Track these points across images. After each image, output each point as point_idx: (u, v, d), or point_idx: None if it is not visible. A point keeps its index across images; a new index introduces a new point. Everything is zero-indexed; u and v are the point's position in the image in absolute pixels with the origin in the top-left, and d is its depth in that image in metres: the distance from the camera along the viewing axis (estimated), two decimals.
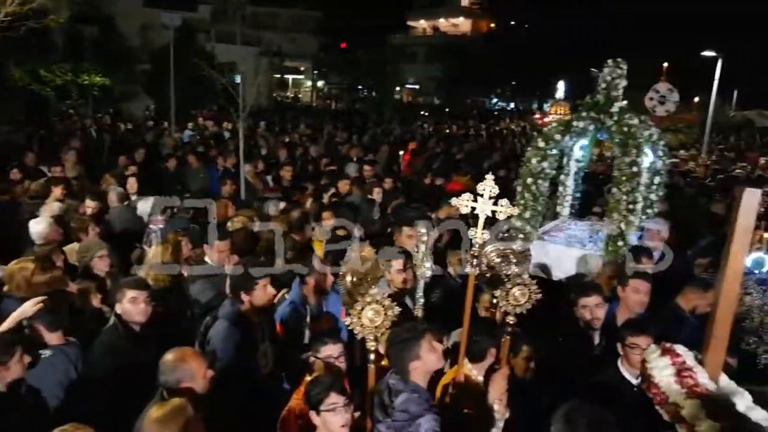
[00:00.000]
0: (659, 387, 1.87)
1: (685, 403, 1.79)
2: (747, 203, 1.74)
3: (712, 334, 1.85)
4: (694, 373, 1.84)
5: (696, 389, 1.79)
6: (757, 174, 14.40)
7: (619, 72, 6.03)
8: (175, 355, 3.14)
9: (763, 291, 4.69)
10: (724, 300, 1.83)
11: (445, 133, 23.47)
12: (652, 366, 1.93)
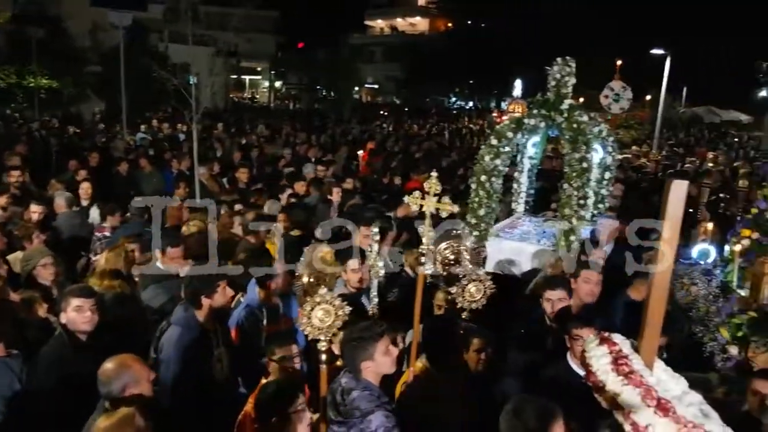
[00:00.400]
0: (597, 375, 1.90)
1: (621, 390, 1.82)
2: (675, 194, 1.79)
3: (646, 322, 1.90)
4: (630, 360, 1.88)
5: (631, 376, 1.83)
6: (705, 168, 14.87)
7: (568, 70, 6.14)
8: (116, 363, 3.06)
9: (708, 281, 4.85)
10: (656, 289, 1.88)
11: (404, 133, 23.53)
12: (591, 355, 1.96)
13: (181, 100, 9.52)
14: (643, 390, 1.82)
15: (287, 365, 3.62)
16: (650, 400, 1.80)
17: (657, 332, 1.90)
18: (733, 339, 4.30)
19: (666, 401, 1.79)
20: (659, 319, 1.89)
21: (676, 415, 1.77)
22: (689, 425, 1.76)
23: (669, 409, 1.78)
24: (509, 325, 4.82)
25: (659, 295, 1.90)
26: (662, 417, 1.77)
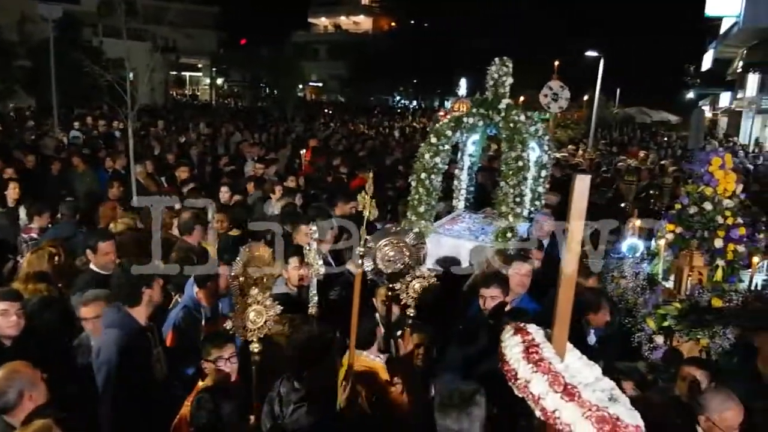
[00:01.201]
0: (510, 364, 1.97)
1: (531, 377, 1.90)
2: (579, 188, 1.87)
3: (556, 313, 1.98)
4: (541, 349, 1.95)
5: (540, 364, 1.90)
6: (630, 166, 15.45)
7: (505, 70, 6.29)
8: (5, 371, 2.96)
9: (636, 274, 5.07)
10: (565, 280, 1.96)
11: (349, 131, 23.51)
12: (505, 345, 2.04)
13: (116, 97, 9.21)
14: (551, 376, 1.89)
15: (224, 366, 3.57)
16: (557, 386, 1.87)
17: (566, 322, 1.98)
18: (659, 329, 4.51)
19: (572, 386, 1.87)
20: (568, 309, 1.96)
21: (581, 399, 1.84)
22: (593, 408, 1.83)
23: (574, 394, 1.85)
24: (448, 321, 4.91)
25: (568, 286, 1.98)
26: (568, 401, 1.85)
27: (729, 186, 4.86)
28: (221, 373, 3.53)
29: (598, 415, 1.84)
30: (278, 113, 29.72)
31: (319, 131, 21.91)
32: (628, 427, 1.85)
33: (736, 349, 4.30)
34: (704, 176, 4.92)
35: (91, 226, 6.69)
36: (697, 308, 4.29)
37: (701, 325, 4.29)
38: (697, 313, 4.28)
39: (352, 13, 66.55)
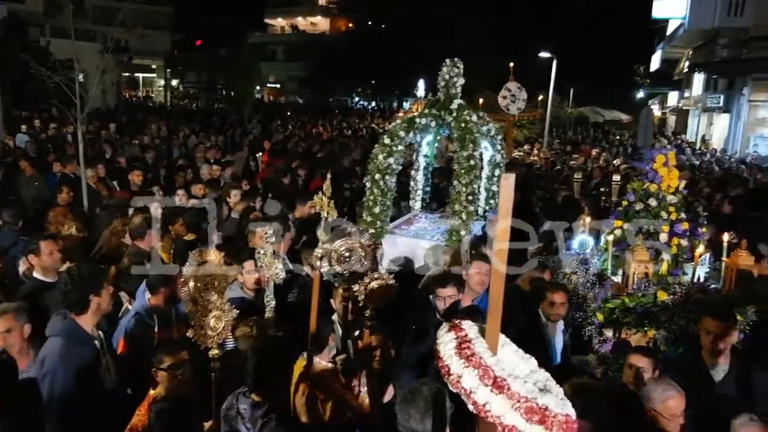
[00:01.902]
0: (443, 360, 2.00)
1: (462, 372, 1.93)
2: (505, 187, 1.92)
3: (489, 308, 2.02)
4: (473, 344, 1.98)
5: (472, 358, 1.94)
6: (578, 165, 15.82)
7: (456, 71, 6.38)
8: None
9: (586, 269, 5.20)
10: (495, 275, 2.00)
11: (307, 133, 23.39)
12: (439, 341, 2.06)
13: (65, 99, 8.95)
14: (481, 370, 1.91)
15: (177, 373, 3.51)
16: (487, 380, 1.90)
17: (498, 317, 2.00)
18: (608, 322, 4.64)
19: (502, 379, 1.90)
20: (499, 303, 2.00)
21: (510, 391, 1.88)
22: (522, 400, 1.86)
23: (503, 387, 1.88)
24: (403, 321, 4.94)
25: (498, 281, 2.01)
26: (498, 394, 1.88)
27: (672, 182, 5.04)
28: (174, 382, 3.48)
29: (527, 406, 1.87)
30: (235, 115, 29.33)
31: (276, 133, 21.73)
32: (557, 416, 1.88)
33: (682, 339, 4.47)
34: (649, 173, 5.09)
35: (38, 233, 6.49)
36: (644, 301, 4.43)
37: (648, 317, 4.44)
38: (644, 305, 4.41)
39: (309, 14, 66.22)
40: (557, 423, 1.87)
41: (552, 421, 1.86)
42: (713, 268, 5.08)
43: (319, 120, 31.28)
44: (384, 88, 52.66)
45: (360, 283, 3.68)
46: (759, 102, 25.44)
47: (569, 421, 1.90)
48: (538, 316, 4.69)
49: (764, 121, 25.78)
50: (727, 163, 19.14)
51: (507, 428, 1.88)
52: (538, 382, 2.00)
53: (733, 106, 26.26)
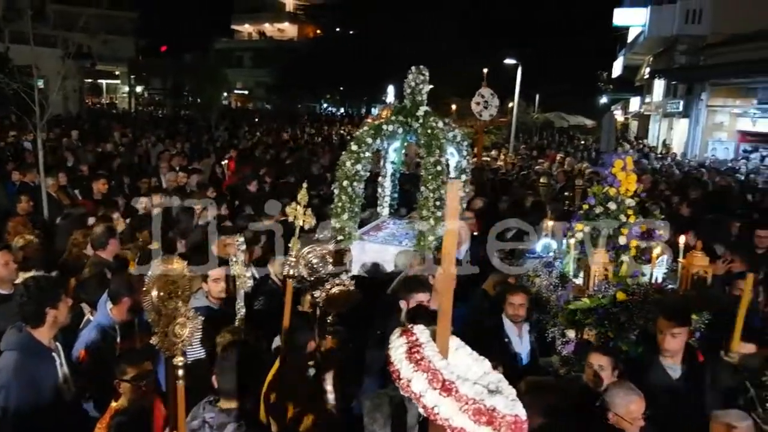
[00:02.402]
0: (394, 365, 2.03)
1: (412, 376, 1.96)
2: (452, 192, 1.97)
3: (439, 312, 2.06)
4: (423, 348, 2.01)
5: (421, 362, 1.97)
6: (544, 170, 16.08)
7: (422, 78, 6.46)
8: None
9: (549, 272, 5.31)
10: (443, 278, 2.05)
11: (275, 139, 23.26)
12: (391, 346, 2.09)
13: (24, 106, 8.75)
14: (430, 374, 1.95)
15: (140, 385, 3.46)
16: (436, 383, 1.93)
17: (448, 320, 2.04)
18: (570, 323, 4.74)
19: (450, 382, 1.94)
20: (449, 306, 2.04)
21: (458, 394, 1.91)
22: (470, 402, 1.90)
23: (451, 390, 1.92)
24: (372, 326, 4.96)
25: (447, 285, 2.05)
26: (446, 397, 1.91)
27: (630, 186, 5.18)
28: (137, 393, 3.43)
29: (474, 408, 1.90)
30: (202, 122, 29.02)
31: (244, 139, 21.56)
32: (505, 417, 1.92)
33: (641, 338, 4.59)
34: (608, 177, 5.23)
35: None
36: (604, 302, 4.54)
37: (608, 318, 4.55)
38: (605, 306, 4.52)
39: (276, 20, 65.95)
40: (506, 424, 1.91)
41: (500, 422, 1.90)
42: (671, 269, 5.22)
43: (287, 126, 31.14)
44: (352, 94, 52.71)
45: (320, 289, 3.67)
46: (717, 107, 26.25)
47: (518, 421, 1.95)
48: (502, 319, 4.76)
49: (722, 126, 26.60)
50: (686, 167, 19.67)
51: (456, 430, 1.91)
52: (490, 383, 2.04)
53: (692, 111, 27.03)
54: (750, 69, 21.72)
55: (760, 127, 23.67)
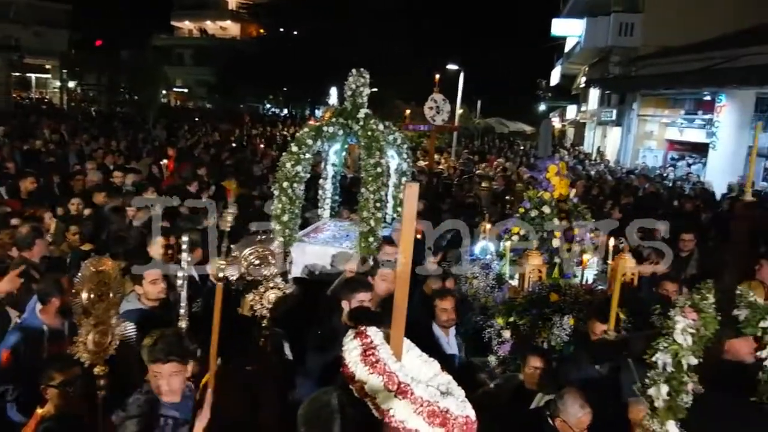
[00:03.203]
0: (349, 367, 2.05)
1: (367, 378, 1.98)
2: (409, 195, 2.00)
3: (393, 315, 2.08)
4: (377, 350, 2.04)
5: (376, 365, 1.99)
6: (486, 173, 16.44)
7: (363, 81, 6.49)
8: None
9: (486, 274, 5.44)
10: (399, 281, 2.08)
11: (215, 139, 22.80)
12: (345, 348, 2.11)
13: None
14: (386, 376, 1.97)
15: (68, 391, 3.34)
16: (392, 385, 1.96)
17: (402, 323, 2.07)
18: (506, 324, 4.87)
19: (405, 384, 1.96)
20: (403, 309, 2.07)
21: (414, 396, 1.94)
22: (425, 404, 1.94)
23: (407, 392, 1.95)
24: (311, 328, 4.95)
25: (402, 288, 2.08)
26: (402, 399, 1.95)
27: (563, 191, 5.37)
28: (64, 400, 3.31)
29: (429, 410, 1.94)
30: (139, 119, 28.12)
31: (183, 139, 21.04)
32: (457, 418, 1.97)
33: (573, 338, 4.76)
34: (542, 182, 5.41)
35: None
36: (538, 303, 4.69)
37: (542, 318, 4.70)
38: (538, 307, 4.67)
39: (218, 18, 64.54)
40: (458, 425, 1.95)
41: (453, 423, 1.94)
42: (601, 270, 5.44)
43: (229, 126, 30.54)
44: (296, 95, 52.26)
45: (254, 292, 3.62)
46: (647, 116, 27.49)
47: (469, 422, 1.99)
48: (433, 324, 4.85)
49: (651, 135, 27.87)
50: (618, 173, 20.51)
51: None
52: (441, 385, 2.07)
53: (624, 120, 28.21)
54: (677, 81, 22.87)
55: (687, 137, 24.92)
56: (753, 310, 2.92)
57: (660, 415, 2.75)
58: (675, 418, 2.75)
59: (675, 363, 2.73)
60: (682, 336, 2.72)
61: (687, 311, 2.75)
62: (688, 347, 2.72)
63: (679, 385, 2.72)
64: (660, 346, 2.78)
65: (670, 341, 2.75)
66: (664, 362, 2.75)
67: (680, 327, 2.73)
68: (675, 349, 2.72)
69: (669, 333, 2.77)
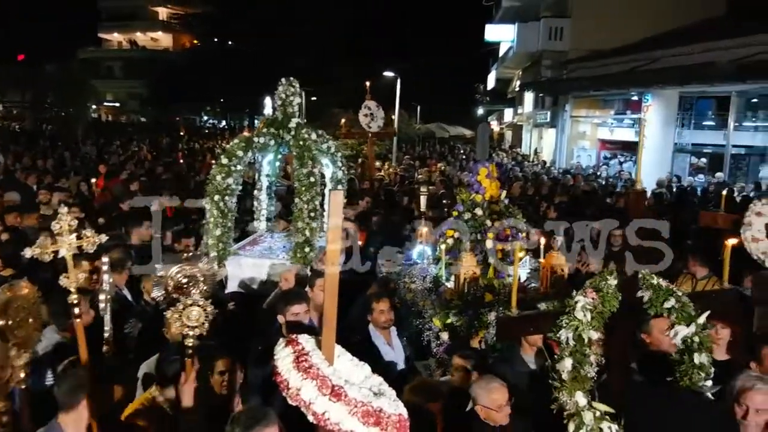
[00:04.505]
0: (282, 374, 2.05)
1: (301, 384, 1.99)
2: (334, 202, 2.02)
3: (323, 321, 2.11)
4: (310, 356, 2.06)
5: (309, 370, 2.01)
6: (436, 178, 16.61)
7: (293, 90, 6.43)
8: None
9: (423, 278, 5.46)
10: (328, 288, 2.10)
11: (148, 153, 22.15)
12: (277, 357, 2.11)
13: None
14: (319, 381, 2.01)
15: None
16: (325, 389, 2.00)
17: (333, 329, 2.09)
18: (444, 326, 4.89)
19: (339, 387, 2.00)
20: (333, 316, 2.08)
21: (348, 398, 1.99)
22: (359, 405, 1.98)
23: (341, 394, 1.99)
24: (249, 342, 4.84)
25: (331, 294, 2.10)
26: (336, 402, 1.98)
27: (495, 192, 5.45)
28: None
29: (363, 410, 2.00)
30: (67, 136, 27.01)
31: (115, 154, 20.36)
32: (390, 416, 2.02)
33: None
34: (474, 185, 5.47)
35: None
36: (473, 303, 4.74)
37: (478, 318, 4.74)
38: (474, 307, 4.72)
39: (149, 29, 62.81)
40: (391, 423, 2.01)
41: (387, 422, 2.01)
42: (534, 268, 5.55)
43: (164, 139, 29.78)
44: (234, 107, 51.49)
45: (172, 310, 3.48)
46: (580, 118, 28.47)
47: (402, 419, 2.06)
48: (369, 329, 4.83)
49: (584, 135, 28.87)
50: (554, 173, 21.10)
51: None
52: (373, 386, 2.12)
53: (558, 121, 29.12)
54: (604, 82, 23.79)
55: (618, 136, 25.93)
56: (655, 291, 3.13)
57: (567, 386, 2.94)
58: (582, 389, 2.94)
59: (576, 337, 2.96)
60: (582, 313, 2.98)
61: (588, 291, 3.04)
62: (588, 323, 2.97)
63: (582, 358, 2.95)
64: (563, 323, 3.01)
65: (572, 318, 2.99)
66: (567, 337, 2.99)
67: (580, 305, 3.00)
68: (576, 325, 2.97)
69: (570, 311, 3.02)
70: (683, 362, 3.23)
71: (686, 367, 3.22)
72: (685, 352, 3.23)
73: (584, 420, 2.87)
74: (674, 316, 3.16)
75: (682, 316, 3.15)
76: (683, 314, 3.15)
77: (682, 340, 3.20)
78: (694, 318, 3.17)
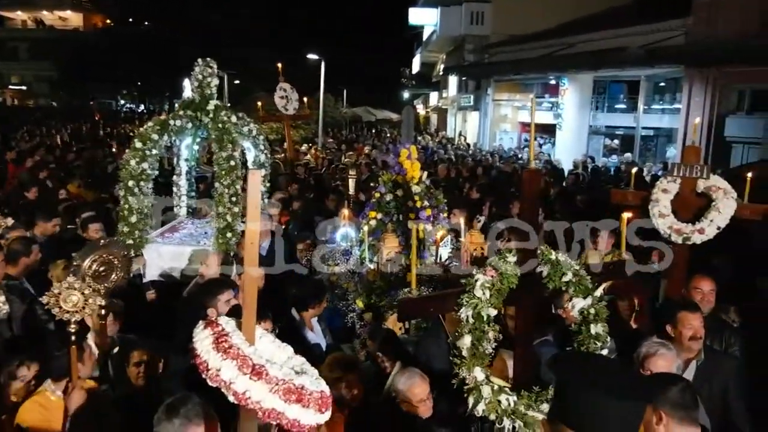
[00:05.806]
0: (201, 356, 2.06)
1: (221, 365, 2.01)
2: (252, 182, 2.03)
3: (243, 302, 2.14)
4: (230, 337, 2.07)
5: (229, 351, 2.03)
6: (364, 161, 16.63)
7: (210, 71, 6.24)
8: None
9: (347, 260, 5.48)
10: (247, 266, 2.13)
11: (59, 139, 20.94)
12: (196, 339, 2.11)
13: None
14: (240, 360, 2.02)
15: None
16: (246, 368, 2.02)
17: (254, 310, 2.11)
18: (367, 307, 4.94)
19: (260, 366, 2.02)
20: (254, 297, 2.10)
21: (269, 376, 2.02)
22: (280, 383, 2.01)
23: (261, 373, 2.02)
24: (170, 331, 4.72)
25: (250, 276, 2.10)
26: (256, 381, 2.00)
27: (415, 174, 5.53)
28: None
29: (285, 388, 2.02)
30: None
31: (22, 141, 19.15)
32: (312, 393, 2.06)
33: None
34: (395, 166, 5.53)
35: None
36: (396, 284, 4.81)
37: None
38: (396, 287, 4.79)
39: (56, 7, 58.89)
40: (313, 399, 2.05)
41: (308, 399, 2.04)
42: (456, 248, 5.67)
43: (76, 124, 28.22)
44: (152, 90, 49.40)
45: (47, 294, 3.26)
46: (501, 101, 29.20)
47: (324, 396, 2.10)
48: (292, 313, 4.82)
49: (506, 118, 29.66)
50: (478, 155, 21.59)
51: (267, 412, 2.01)
52: (295, 366, 2.14)
53: (481, 104, 29.76)
54: (524, 67, 24.49)
55: (537, 119, 26.79)
56: (553, 266, 3.23)
57: (467, 362, 3.03)
58: (480, 364, 3.03)
59: (476, 315, 3.03)
60: (481, 291, 3.04)
61: (488, 270, 3.11)
62: (487, 300, 3.04)
63: (480, 335, 3.03)
64: (463, 301, 3.07)
65: (471, 296, 3.05)
66: (467, 315, 3.05)
67: (479, 283, 3.05)
68: (475, 303, 3.03)
69: (470, 289, 3.07)
70: (581, 332, 3.37)
71: (583, 337, 3.35)
72: (583, 323, 3.36)
73: (483, 394, 2.97)
74: (572, 290, 3.27)
75: (579, 289, 3.27)
76: (580, 287, 3.27)
77: (579, 312, 3.33)
78: (591, 291, 3.31)
